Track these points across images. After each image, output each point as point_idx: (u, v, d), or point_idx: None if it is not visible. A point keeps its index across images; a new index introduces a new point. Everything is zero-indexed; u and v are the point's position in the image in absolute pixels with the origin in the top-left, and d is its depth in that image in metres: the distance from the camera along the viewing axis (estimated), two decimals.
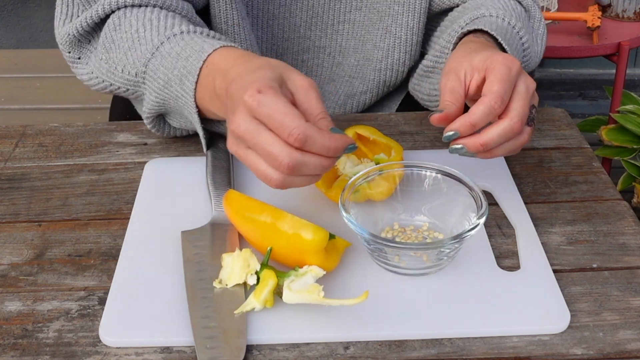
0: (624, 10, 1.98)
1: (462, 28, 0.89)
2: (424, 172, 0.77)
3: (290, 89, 0.70)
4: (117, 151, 0.92)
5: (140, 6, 0.89)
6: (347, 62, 1.05)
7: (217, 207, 0.79)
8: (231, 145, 0.69)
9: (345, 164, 0.81)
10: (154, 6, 0.89)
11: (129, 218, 0.80)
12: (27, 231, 0.79)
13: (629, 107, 1.91)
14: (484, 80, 0.74)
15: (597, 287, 0.71)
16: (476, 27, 0.86)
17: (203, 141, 0.84)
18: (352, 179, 0.75)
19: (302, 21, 1.01)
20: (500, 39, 0.84)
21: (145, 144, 0.93)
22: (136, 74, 0.85)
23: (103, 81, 0.90)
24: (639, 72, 2.62)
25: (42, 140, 0.95)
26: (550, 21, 1.98)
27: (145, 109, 0.88)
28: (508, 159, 0.89)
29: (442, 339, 0.65)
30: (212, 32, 0.85)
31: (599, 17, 1.87)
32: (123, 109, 1.15)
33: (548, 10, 1.99)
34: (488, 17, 0.89)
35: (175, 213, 0.80)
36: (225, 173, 0.84)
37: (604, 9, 1.99)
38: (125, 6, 0.89)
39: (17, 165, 0.90)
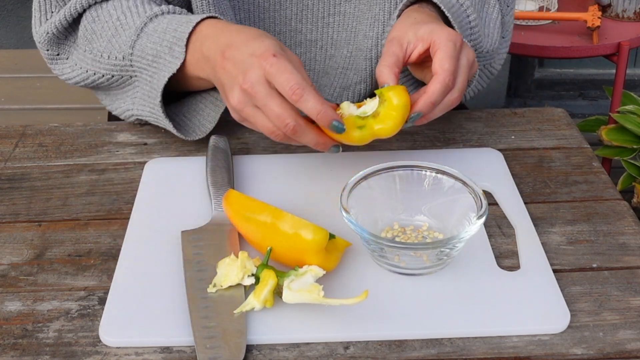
0: (624, 10, 1.98)
1: None
2: (424, 172, 0.77)
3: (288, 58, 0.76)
4: (117, 151, 0.92)
5: None
6: (340, 54, 1.05)
7: (217, 207, 0.79)
8: (238, 103, 0.77)
9: (349, 107, 0.79)
10: None
11: (129, 218, 0.80)
12: (27, 231, 0.79)
13: (629, 107, 1.91)
14: (426, 51, 0.81)
15: (597, 287, 0.71)
16: None
17: (159, 104, 0.87)
18: (357, 111, 0.77)
19: (292, 14, 1.02)
20: (445, 11, 0.88)
21: (145, 144, 0.93)
22: (123, 57, 0.89)
23: (87, 71, 0.93)
24: (639, 72, 2.62)
25: (42, 140, 0.95)
26: (550, 21, 1.98)
27: (125, 102, 0.93)
28: (508, 159, 0.89)
29: (442, 339, 0.65)
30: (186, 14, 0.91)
31: (599, 17, 1.87)
32: None
33: (548, 10, 1.99)
34: None
35: (175, 213, 0.80)
36: (225, 173, 0.84)
37: (604, 9, 1.99)
38: (102, 0, 0.92)
39: (17, 165, 0.90)
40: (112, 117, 1.20)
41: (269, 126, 0.76)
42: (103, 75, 0.92)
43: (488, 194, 0.83)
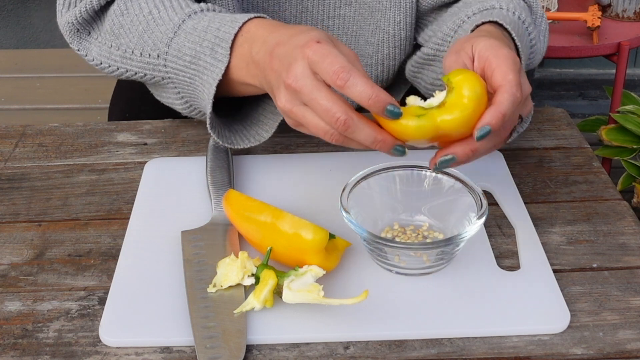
0: (624, 10, 1.98)
1: (468, 18, 0.86)
2: (424, 172, 0.77)
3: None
4: (117, 151, 0.92)
5: None
6: None
7: (217, 207, 0.79)
8: (286, 102, 0.70)
9: (416, 100, 0.69)
10: None
11: (129, 218, 0.80)
12: (27, 231, 0.79)
13: (629, 107, 1.91)
14: (482, 70, 0.70)
15: (597, 287, 0.71)
16: (488, 20, 0.81)
17: (208, 120, 0.80)
18: (422, 103, 0.67)
19: (291, 15, 1.01)
20: (513, 34, 0.80)
21: (145, 144, 0.93)
22: (158, 56, 0.84)
23: (118, 68, 0.89)
24: (639, 72, 2.62)
25: (42, 140, 0.95)
26: (550, 21, 1.98)
27: (173, 99, 0.88)
28: (508, 159, 0.89)
29: (442, 339, 0.65)
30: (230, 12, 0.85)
31: (599, 17, 1.87)
32: (122, 109, 1.15)
33: (548, 10, 1.99)
34: (498, 9, 0.84)
35: (175, 213, 0.80)
36: (225, 173, 0.84)
37: (604, 9, 1.99)
38: None
39: (17, 165, 0.90)
40: (112, 117, 1.20)
41: (322, 125, 0.68)
42: (136, 73, 0.87)
43: (488, 194, 0.83)
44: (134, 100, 1.01)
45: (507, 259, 0.74)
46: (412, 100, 0.69)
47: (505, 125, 0.68)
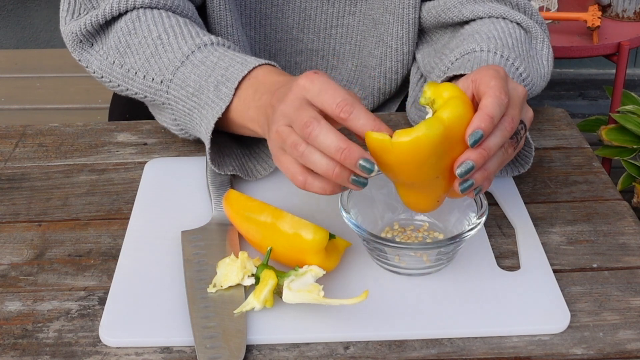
0: (624, 10, 1.98)
1: (452, 64, 0.85)
2: None
3: None
4: (117, 151, 0.92)
5: (151, 8, 0.87)
6: (344, 66, 1.05)
7: (217, 207, 0.79)
8: (277, 126, 0.68)
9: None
10: (164, 9, 0.87)
11: (129, 218, 0.80)
12: (27, 231, 0.79)
13: (629, 107, 1.91)
14: (473, 97, 0.69)
15: (597, 287, 0.71)
16: (463, 72, 0.80)
17: (208, 156, 0.79)
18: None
19: (294, 23, 1.01)
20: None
21: (145, 144, 0.93)
22: (161, 82, 0.83)
23: (119, 85, 0.88)
24: (639, 72, 2.62)
25: (42, 140, 0.95)
26: (550, 21, 1.98)
27: (168, 123, 0.87)
28: None
29: (442, 339, 0.65)
30: (238, 50, 0.84)
31: (599, 17, 1.87)
32: (122, 109, 1.15)
33: (548, 10, 1.99)
34: (479, 52, 0.84)
35: (175, 213, 0.80)
36: None
37: (604, 9, 1.99)
38: (135, 7, 0.86)
39: (17, 165, 0.90)
40: (112, 117, 1.20)
41: (297, 141, 0.66)
42: (136, 93, 0.87)
43: (488, 194, 0.83)
44: (134, 101, 1.01)
45: (507, 259, 0.74)
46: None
47: (504, 129, 0.66)
